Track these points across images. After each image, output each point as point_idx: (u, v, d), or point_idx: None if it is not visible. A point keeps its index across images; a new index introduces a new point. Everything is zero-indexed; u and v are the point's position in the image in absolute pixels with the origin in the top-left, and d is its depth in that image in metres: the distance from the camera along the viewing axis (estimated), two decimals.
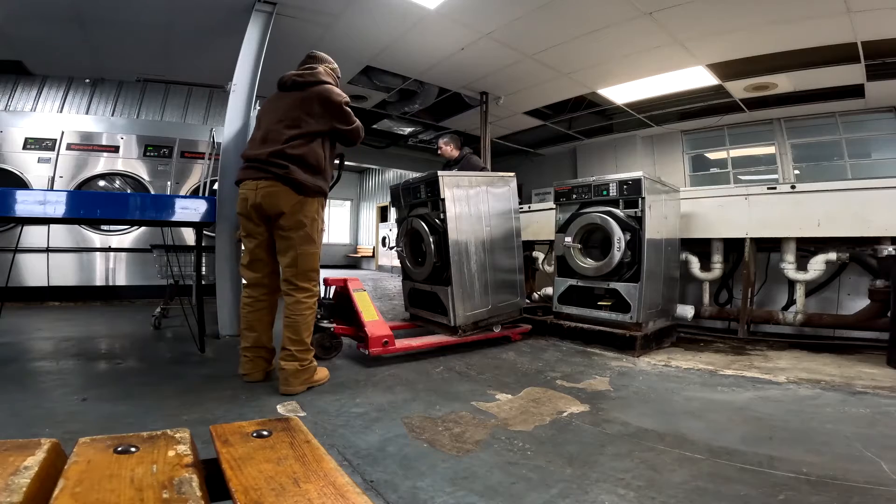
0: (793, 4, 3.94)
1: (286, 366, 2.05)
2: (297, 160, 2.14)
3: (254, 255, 2.23)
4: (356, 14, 4.27)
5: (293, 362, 2.06)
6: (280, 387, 2.04)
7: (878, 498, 1.21)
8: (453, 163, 4.42)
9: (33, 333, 3.16)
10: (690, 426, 1.73)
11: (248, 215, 2.21)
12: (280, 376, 2.05)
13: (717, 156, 7.72)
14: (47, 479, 0.49)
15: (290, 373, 2.04)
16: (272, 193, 2.12)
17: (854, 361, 2.76)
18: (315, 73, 2.27)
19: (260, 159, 2.16)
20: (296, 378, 2.05)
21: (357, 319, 2.67)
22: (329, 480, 0.54)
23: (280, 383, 2.05)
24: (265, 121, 2.26)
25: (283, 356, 2.06)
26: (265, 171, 2.14)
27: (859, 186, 3.04)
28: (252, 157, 2.20)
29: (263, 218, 2.17)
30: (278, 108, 2.22)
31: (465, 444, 1.53)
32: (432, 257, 2.95)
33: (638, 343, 2.89)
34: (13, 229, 4.22)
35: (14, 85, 5.38)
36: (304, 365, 2.08)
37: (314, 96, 2.20)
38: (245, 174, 2.21)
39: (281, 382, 2.05)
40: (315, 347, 2.60)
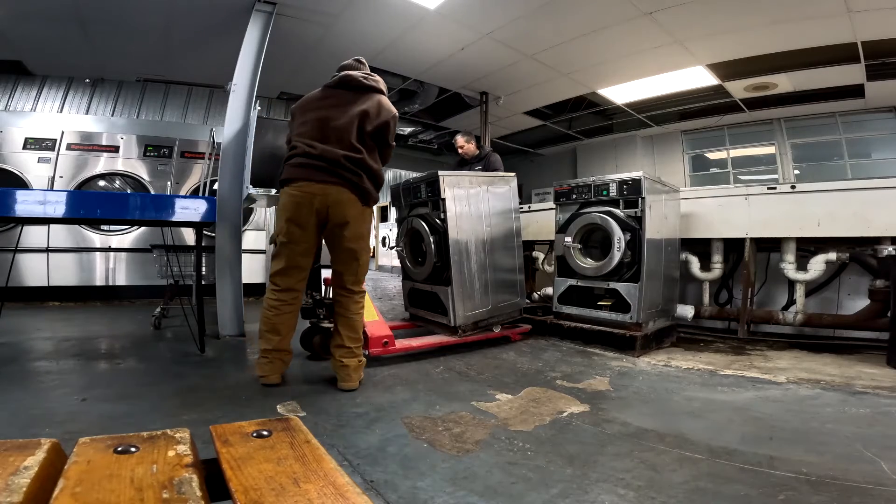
0: (793, 4, 3.94)
1: (348, 362, 2.07)
2: (366, 169, 2.05)
3: (293, 262, 2.09)
4: (356, 14, 4.28)
5: (353, 358, 2.09)
6: (341, 383, 2.08)
7: (878, 498, 1.21)
8: (475, 160, 4.36)
9: (33, 333, 3.16)
10: (690, 426, 1.73)
11: (301, 221, 2.03)
12: (340, 373, 2.08)
13: (717, 156, 7.73)
14: (47, 479, 0.49)
15: (352, 368, 2.08)
16: (342, 202, 2.01)
17: (854, 361, 2.76)
18: (379, 81, 2.18)
19: (330, 160, 2.00)
20: (356, 373, 2.09)
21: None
22: (329, 480, 0.54)
23: (341, 379, 2.08)
24: (323, 115, 2.07)
25: (342, 353, 2.08)
26: (337, 176, 2.00)
27: (859, 186, 3.04)
28: (319, 155, 2.01)
29: (319, 225, 2.06)
30: (341, 106, 2.07)
31: (466, 444, 1.53)
32: (432, 257, 2.94)
33: (638, 343, 2.89)
34: (13, 229, 4.22)
35: (14, 85, 5.38)
36: (360, 360, 2.13)
37: (379, 105, 2.10)
38: (307, 174, 2.01)
39: (342, 379, 2.08)
40: (317, 348, 2.61)
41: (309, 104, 2.15)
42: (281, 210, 2.09)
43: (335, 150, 2.01)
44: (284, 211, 2.06)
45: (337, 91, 2.13)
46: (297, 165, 2.04)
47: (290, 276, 2.11)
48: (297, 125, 2.13)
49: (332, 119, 2.05)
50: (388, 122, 2.13)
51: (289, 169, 2.07)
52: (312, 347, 2.64)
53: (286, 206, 2.05)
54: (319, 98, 2.15)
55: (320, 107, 2.11)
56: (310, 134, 2.08)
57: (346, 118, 2.05)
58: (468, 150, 4.36)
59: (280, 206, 2.11)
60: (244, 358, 2.70)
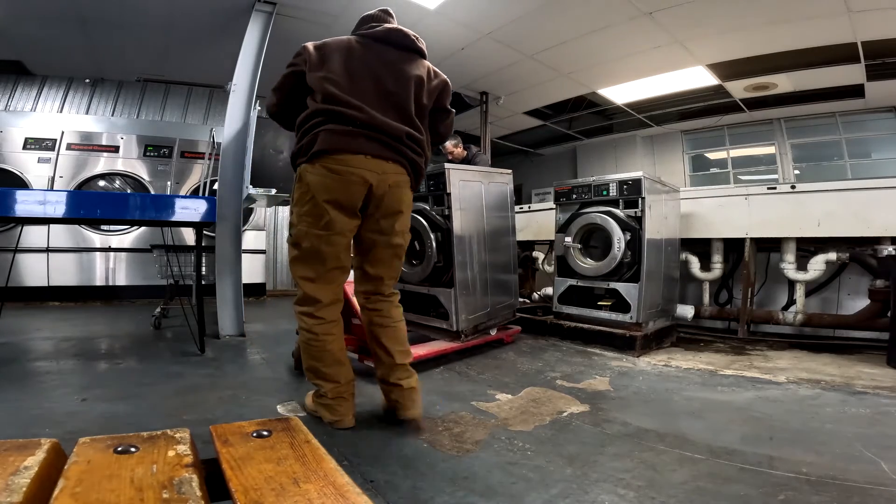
0: (793, 4, 3.94)
1: (410, 383, 1.66)
2: (425, 151, 1.69)
3: (336, 261, 1.61)
4: (356, 14, 4.23)
5: (413, 377, 1.68)
6: (404, 412, 1.63)
7: (878, 498, 1.21)
8: (464, 163, 4.33)
9: (33, 333, 3.16)
10: (690, 426, 1.73)
11: (351, 204, 1.57)
12: (403, 398, 1.64)
13: (717, 156, 7.73)
14: (47, 479, 0.49)
15: (416, 390, 1.67)
16: (401, 185, 1.64)
17: (854, 361, 2.76)
18: (425, 46, 1.72)
19: (392, 134, 1.58)
20: (419, 395, 1.68)
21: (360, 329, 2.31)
22: (329, 480, 0.54)
23: (403, 408, 1.64)
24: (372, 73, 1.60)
25: (400, 375, 1.66)
26: (397, 154, 1.61)
27: (859, 186, 3.04)
28: (375, 125, 1.56)
29: (364, 211, 1.63)
30: (390, 67, 1.62)
31: (465, 444, 1.53)
32: (433, 257, 2.82)
33: (638, 343, 2.89)
34: (13, 229, 4.22)
35: (14, 85, 5.38)
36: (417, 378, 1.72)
37: (429, 69, 1.69)
38: (358, 144, 1.54)
39: (405, 407, 1.64)
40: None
41: (346, 53, 1.60)
42: (315, 191, 1.54)
43: (396, 125, 1.59)
44: (323, 191, 1.53)
45: (380, 46, 1.64)
46: (343, 134, 1.53)
47: (334, 283, 1.64)
48: (330, 77, 1.56)
49: (382, 81, 1.59)
50: (446, 83, 1.73)
51: (326, 136, 1.53)
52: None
53: (325, 186, 1.53)
54: (360, 49, 1.62)
55: (365, 61, 1.60)
56: (355, 93, 1.56)
57: (400, 84, 1.61)
58: (457, 154, 4.26)
59: (311, 186, 1.55)
60: (244, 358, 2.70)
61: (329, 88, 1.55)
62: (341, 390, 1.64)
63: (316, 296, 1.61)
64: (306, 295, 1.62)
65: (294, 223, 1.63)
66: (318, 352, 1.61)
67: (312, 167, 1.56)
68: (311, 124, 1.58)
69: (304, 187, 1.58)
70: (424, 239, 2.91)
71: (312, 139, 1.56)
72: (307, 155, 1.57)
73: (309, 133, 1.57)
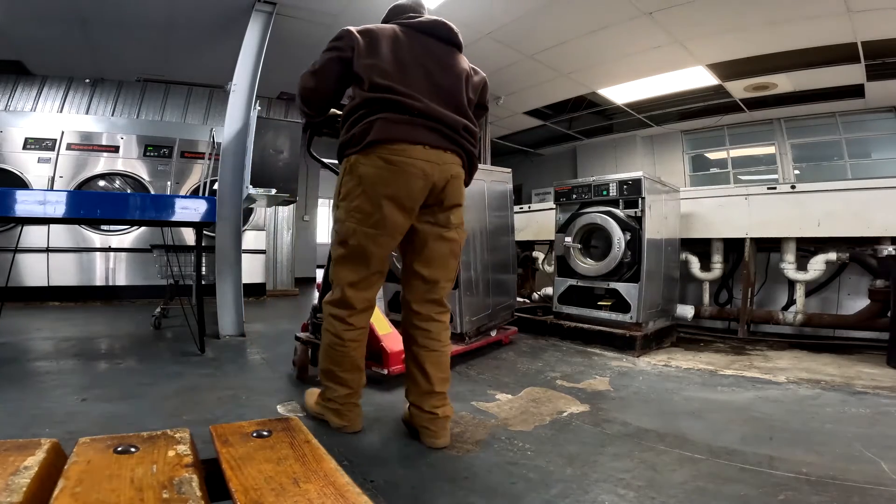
0: (793, 4, 3.94)
1: (445, 412, 1.53)
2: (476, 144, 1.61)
3: (380, 264, 1.53)
4: (356, 14, 4.27)
5: (447, 405, 1.55)
6: (434, 440, 1.50)
7: (878, 498, 1.21)
8: None
9: (33, 333, 3.16)
10: (690, 426, 1.73)
11: (411, 201, 1.46)
12: (436, 427, 1.50)
13: (717, 156, 7.73)
14: (47, 479, 0.49)
15: (449, 419, 1.55)
16: (460, 177, 1.55)
17: (854, 361, 2.76)
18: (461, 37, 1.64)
19: (451, 124, 1.49)
20: (449, 424, 1.56)
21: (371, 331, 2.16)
22: (329, 480, 0.54)
23: (430, 435, 1.51)
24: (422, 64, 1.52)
25: (435, 402, 1.52)
26: (455, 144, 1.52)
27: (859, 186, 3.04)
28: (433, 116, 1.46)
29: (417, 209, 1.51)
30: (438, 60, 1.55)
31: (466, 444, 1.53)
32: None
33: (638, 343, 2.89)
34: (13, 229, 4.22)
35: (14, 85, 5.38)
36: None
37: (470, 67, 1.62)
38: (419, 135, 1.44)
39: (432, 434, 1.50)
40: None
41: (392, 42, 1.51)
42: (369, 184, 1.43)
43: (454, 115, 1.50)
44: (379, 184, 1.42)
45: (424, 38, 1.56)
46: (401, 123, 1.43)
47: (372, 288, 1.56)
48: (380, 66, 1.46)
49: (432, 73, 1.52)
50: (485, 80, 1.69)
51: (383, 125, 1.42)
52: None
53: (381, 178, 1.42)
54: (406, 39, 1.54)
55: (413, 52, 1.52)
56: (407, 84, 1.47)
57: (451, 78, 1.55)
58: None
59: (364, 178, 1.44)
60: (244, 358, 2.70)
61: (379, 80, 1.45)
62: (353, 396, 1.58)
63: (353, 301, 1.52)
64: (344, 298, 1.52)
65: (340, 219, 1.50)
66: (340, 356, 1.54)
67: (366, 158, 1.43)
68: (362, 113, 1.46)
69: (354, 180, 1.45)
70: None
71: (366, 128, 1.43)
72: (359, 145, 1.44)
73: (360, 122, 1.46)
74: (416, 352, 1.56)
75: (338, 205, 1.53)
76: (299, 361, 2.20)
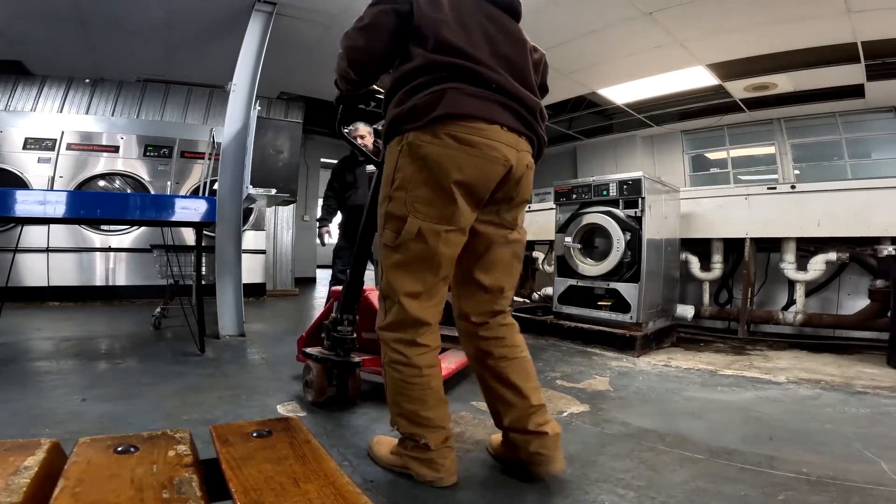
0: (793, 4, 3.94)
1: (557, 427, 1.29)
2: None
3: (450, 268, 1.26)
4: (356, 14, 4.25)
5: (552, 420, 1.30)
6: (550, 466, 1.26)
7: (878, 498, 1.21)
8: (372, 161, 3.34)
9: (33, 333, 3.16)
10: (690, 426, 1.73)
11: (484, 191, 1.21)
12: (548, 449, 1.25)
13: (717, 156, 7.72)
14: (47, 479, 0.49)
15: (560, 437, 1.29)
16: (532, 168, 1.31)
17: (854, 361, 2.76)
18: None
19: (528, 104, 1.26)
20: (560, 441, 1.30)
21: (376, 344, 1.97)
22: (329, 480, 0.54)
23: (549, 461, 1.25)
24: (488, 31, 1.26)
25: (540, 419, 1.27)
26: (531, 130, 1.27)
27: (859, 186, 3.05)
28: (509, 91, 1.22)
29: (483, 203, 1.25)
30: (502, 29, 1.29)
31: (465, 443, 1.53)
32: None
33: (638, 343, 2.89)
34: (13, 229, 4.22)
35: (14, 85, 5.37)
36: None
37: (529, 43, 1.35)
38: (495, 112, 1.19)
39: (553, 459, 1.26)
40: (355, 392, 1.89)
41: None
42: (438, 168, 1.16)
43: (531, 95, 1.27)
44: (453, 168, 1.16)
45: (486, 4, 1.30)
46: (476, 97, 1.18)
47: (440, 298, 1.28)
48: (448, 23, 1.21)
49: (495, 41, 1.26)
50: (545, 60, 1.43)
51: (456, 97, 1.16)
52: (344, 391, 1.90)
53: (455, 161, 1.15)
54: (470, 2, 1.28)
55: (471, 12, 1.26)
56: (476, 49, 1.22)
57: (517, 49, 1.29)
58: (368, 145, 3.34)
59: (431, 161, 1.16)
60: (244, 358, 2.70)
61: (449, 37, 1.19)
62: (446, 438, 1.25)
63: (422, 317, 1.23)
64: (408, 316, 1.22)
65: (396, 214, 1.20)
66: (421, 391, 1.22)
67: (433, 136, 1.16)
68: (424, 80, 1.19)
69: (416, 162, 1.17)
70: None
71: (433, 99, 1.16)
72: (422, 119, 1.16)
73: (422, 91, 1.18)
74: (493, 366, 1.31)
75: (390, 196, 1.22)
76: (317, 385, 1.83)
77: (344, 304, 1.80)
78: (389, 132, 1.26)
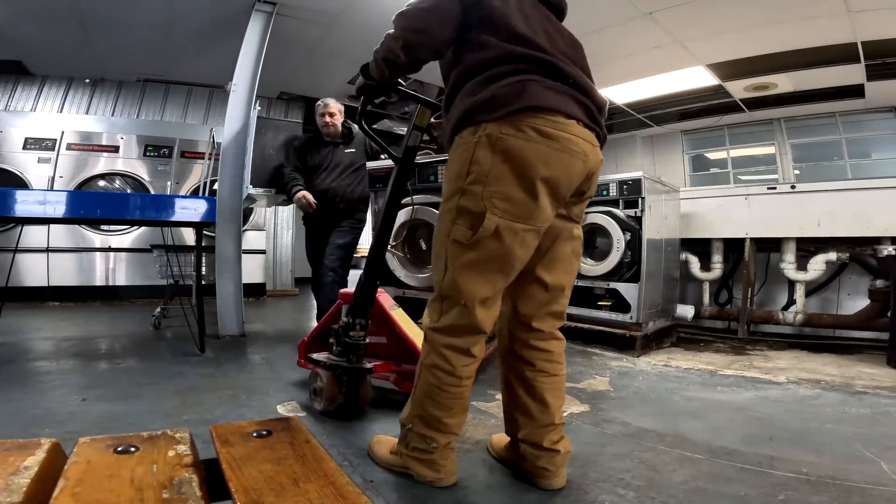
0: (793, 4, 3.94)
1: (568, 445, 1.28)
2: None
3: (516, 274, 1.19)
4: (356, 14, 4.27)
5: (566, 438, 1.29)
6: (553, 481, 1.24)
7: (878, 498, 1.21)
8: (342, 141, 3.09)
9: (33, 333, 3.16)
10: (690, 426, 1.73)
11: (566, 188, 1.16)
12: (555, 466, 1.24)
13: (717, 156, 7.72)
14: (47, 479, 0.49)
15: (569, 455, 1.28)
16: (602, 161, 1.26)
17: (854, 361, 2.76)
18: None
19: (597, 101, 1.21)
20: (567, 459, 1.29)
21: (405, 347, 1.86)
22: (329, 480, 0.54)
23: (553, 476, 1.24)
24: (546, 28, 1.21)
25: (555, 437, 1.25)
26: (599, 127, 1.23)
27: (859, 186, 3.05)
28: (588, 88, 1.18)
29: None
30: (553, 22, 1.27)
31: (465, 444, 1.53)
32: None
33: (638, 343, 2.89)
34: (13, 229, 4.22)
35: (14, 85, 5.37)
36: None
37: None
38: (573, 107, 1.14)
39: (557, 475, 1.24)
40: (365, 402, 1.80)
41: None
42: (523, 162, 1.09)
43: (598, 92, 1.22)
44: (540, 164, 1.09)
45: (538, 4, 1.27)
46: (555, 90, 1.13)
47: (498, 303, 1.22)
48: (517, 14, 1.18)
49: (554, 38, 1.22)
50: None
51: (538, 89, 1.11)
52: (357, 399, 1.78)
53: (542, 156, 1.09)
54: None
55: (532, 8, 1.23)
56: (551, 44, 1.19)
57: (575, 48, 1.26)
58: (336, 125, 3.06)
59: (514, 154, 1.09)
60: (244, 358, 2.70)
61: (523, 29, 1.15)
62: (452, 442, 1.26)
63: (485, 324, 1.16)
64: (471, 322, 1.15)
65: (469, 209, 1.13)
66: (451, 400, 1.20)
67: (515, 129, 1.09)
68: (503, 70, 1.13)
69: (497, 156, 1.10)
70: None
71: (515, 90, 1.10)
72: (502, 110, 1.10)
73: (500, 81, 1.12)
74: (531, 378, 1.25)
75: (463, 189, 1.14)
76: (327, 393, 1.71)
77: (356, 307, 1.70)
78: (461, 122, 1.18)
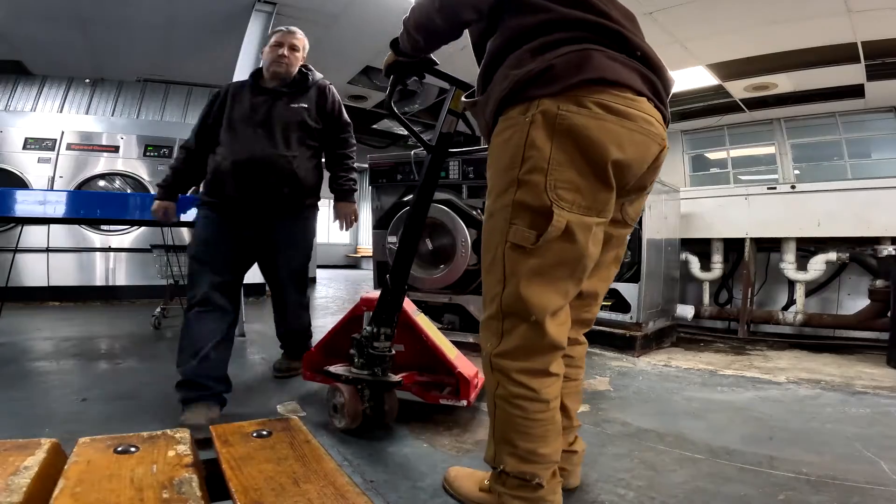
0: (793, 4, 3.94)
1: (583, 444, 1.25)
2: None
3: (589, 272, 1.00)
4: (356, 14, 4.27)
5: (580, 438, 1.26)
6: (567, 481, 1.18)
7: (878, 498, 1.21)
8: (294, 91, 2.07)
9: (33, 333, 3.16)
10: (690, 426, 1.73)
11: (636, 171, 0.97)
12: (569, 466, 1.19)
13: (717, 156, 7.72)
14: (47, 479, 0.49)
15: (584, 453, 1.25)
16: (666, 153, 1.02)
17: (854, 361, 2.76)
18: None
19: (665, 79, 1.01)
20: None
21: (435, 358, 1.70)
22: (329, 480, 0.54)
23: (566, 477, 1.17)
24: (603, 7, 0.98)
25: (571, 438, 1.21)
26: (666, 109, 1.02)
27: (859, 186, 3.05)
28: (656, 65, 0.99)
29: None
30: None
31: (465, 444, 1.53)
32: (467, 258, 2.29)
33: (638, 343, 2.89)
34: (13, 229, 4.22)
35: (14, 85, 5.38)
36: None
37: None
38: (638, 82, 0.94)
39: (571, 475, 1.21)
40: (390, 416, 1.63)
41: None
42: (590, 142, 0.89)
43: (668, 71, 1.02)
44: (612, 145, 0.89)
45: None
46: (621, 63, 0.93)
47: (568, 312, 1.02)
48: None
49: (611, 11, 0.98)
50: None
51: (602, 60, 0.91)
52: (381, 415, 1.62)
53: (614, 136, 0.90)
54: None
55: None
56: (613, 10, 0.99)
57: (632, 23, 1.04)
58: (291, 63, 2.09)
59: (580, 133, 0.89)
60: (244, 358, 2.70)
61: None
62: (555, 469, 1.03)
63: (560, 339, 0.98)
64: (545, 341, 0.96)
65: (529, 205, 0.92)
66: (544, 427, 0.98)
67: (577, 105, 0.89)
68: (558, 37, 0.93)
69: (559, 136, 0.89)
70: (456, 236, 2.34)
71: (576, 59, 0.90)
72: (559, 83, 0.89)
73: (555, 49, 0.92)
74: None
75: (520, 181, 0.92)
76: (350, 410, 1.53)
77: (380, 315, 1.52)
78: (506, 99, 0.96)
